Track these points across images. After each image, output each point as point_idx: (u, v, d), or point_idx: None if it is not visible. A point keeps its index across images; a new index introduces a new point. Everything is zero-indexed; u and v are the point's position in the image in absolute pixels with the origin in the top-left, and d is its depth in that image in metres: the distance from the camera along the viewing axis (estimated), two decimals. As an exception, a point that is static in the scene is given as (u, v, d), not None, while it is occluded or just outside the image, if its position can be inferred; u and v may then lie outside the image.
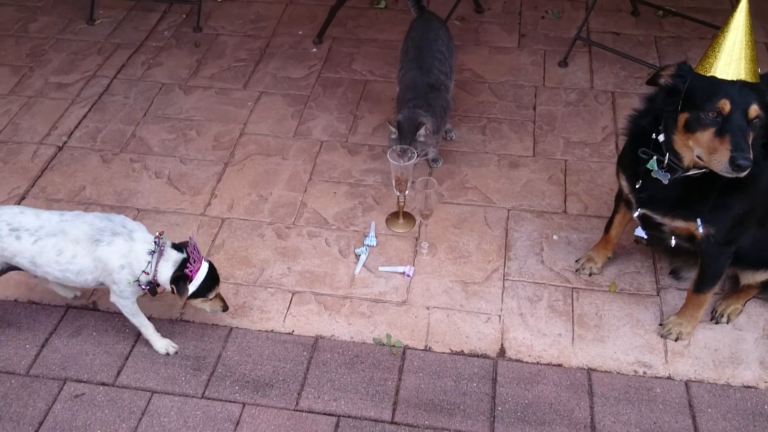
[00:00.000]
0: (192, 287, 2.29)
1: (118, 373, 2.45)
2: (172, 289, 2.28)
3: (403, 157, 2.72)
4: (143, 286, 2.30)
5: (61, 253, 2.26)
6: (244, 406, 2.34)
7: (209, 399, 2.37)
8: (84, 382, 2.42)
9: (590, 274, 2.71)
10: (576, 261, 2.76)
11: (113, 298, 2.37)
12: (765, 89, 1.94)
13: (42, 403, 2.36)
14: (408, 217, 2.95)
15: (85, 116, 3.54)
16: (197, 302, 2.39)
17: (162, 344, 2.48)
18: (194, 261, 2.29)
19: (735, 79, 1.92)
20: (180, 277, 2.27)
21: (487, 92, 3.62)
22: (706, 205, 2.12)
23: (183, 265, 2.28)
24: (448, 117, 3.15)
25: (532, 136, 3.35)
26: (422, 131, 2.85)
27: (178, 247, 2.32)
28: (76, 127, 3.48)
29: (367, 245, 2.84)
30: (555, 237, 2.87)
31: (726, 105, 1.90)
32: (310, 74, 3.79)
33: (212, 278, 2.36)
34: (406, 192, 2.82)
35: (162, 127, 3.47)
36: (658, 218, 2.26)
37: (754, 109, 1.90)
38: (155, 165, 3.26)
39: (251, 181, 3.16)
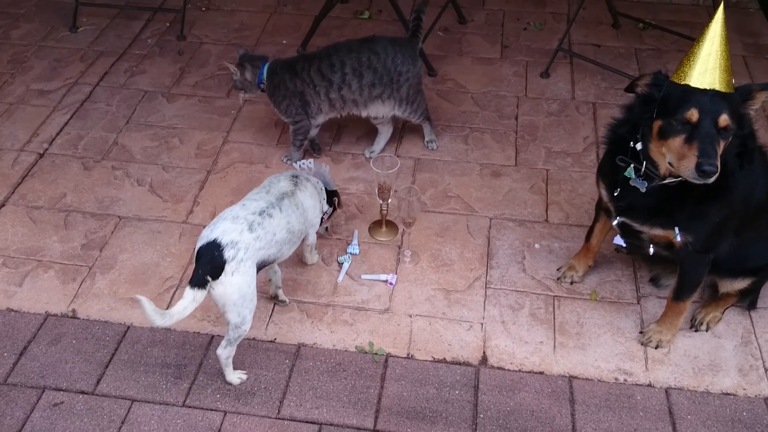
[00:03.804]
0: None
1: (98, 381, 2.42)
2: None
3: (387, 166, 2.73)
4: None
5: (298, 206, 2.46)
6: (225, 414, 2.33)
7: (190, 407, 2.35)
8: (63, 390, 2.40)
9: (571, 283, 2.73)
10: (557, 269, 2.78)
11: (311, 239, 2.66)
12: (738, 100, 1.97)
13: (20, 411, 2.34)
14: (391, 225, 2.96)
15: (66, 123, 3.52)
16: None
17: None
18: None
19: (708, 88, 1.95)
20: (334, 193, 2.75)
21: (470, 102, 3.65)
22: (683, 214, 2.15)
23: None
24: (300, 114, 3.15)
25: (514, 146, 3.38)
26: (233, 68, 3.06)
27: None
28: (57, 134, 3.46)
29: (350, 253, 2.84)
30: (536, 245, 2.89)
31: (695, 113, 1.93)
32: (294, 83, 3.79)
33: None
34: (389, 200, 2.83)
35: (144, 134, 3.46)
36: (636, 226, 2.28)
37: (723, 118, 1.93)
38: (137, 172, 3.25)
39: (234, 188, 3.15)
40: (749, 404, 2.34)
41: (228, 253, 2.18)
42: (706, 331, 2.56)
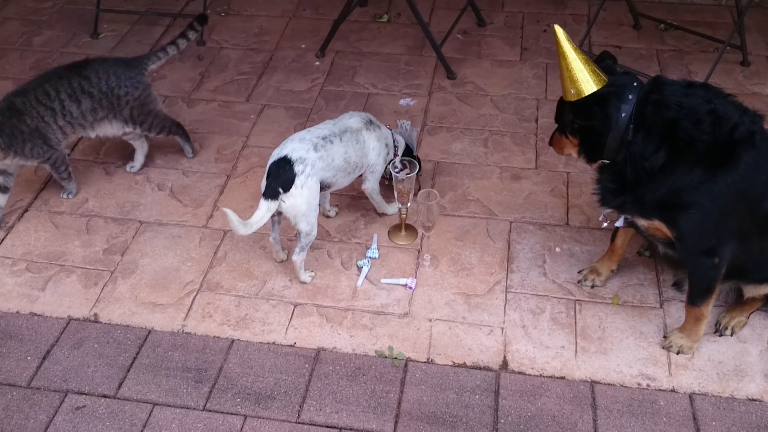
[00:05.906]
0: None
1: (120, 385, 2.44)
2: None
3: (406, 170, 2.73)
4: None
5: (358, 141, 2.71)
6: (245, 418, 2.34)
7: (210, 411, 2.36)
8: (85, 394, 2.42)
9: (593, 287, 2.70)
10: (579, 272, 2.75)
11: (369, 184, 2.85)
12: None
13: (43, 415, 2.36)
14: (410, 229, 2.95)
15: (88, 129, 3.56)
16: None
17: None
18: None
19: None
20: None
21: (489, 105, 3.63)
22: (638, 197, 2.24)
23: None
24: (55, 166, 3.04)
25: (534, 149, 3.35)
26: None
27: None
28: (79, 139, 3.49)
29: (370, 257, 2.84)
30: (557, 249, 2.87)
31: None
32: (313, 87, 3.80)
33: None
34: (409, 204, 2.83)
35: (164, 139, 3.47)
36: (620, 214, 2.38)
37: None
38: (158, 177, 3.27)
39: (254, 193, 3.16)
40: (776, 410, 2.31)
41: (297, 168, 2.47)
42: (731, 335, 2.53)
